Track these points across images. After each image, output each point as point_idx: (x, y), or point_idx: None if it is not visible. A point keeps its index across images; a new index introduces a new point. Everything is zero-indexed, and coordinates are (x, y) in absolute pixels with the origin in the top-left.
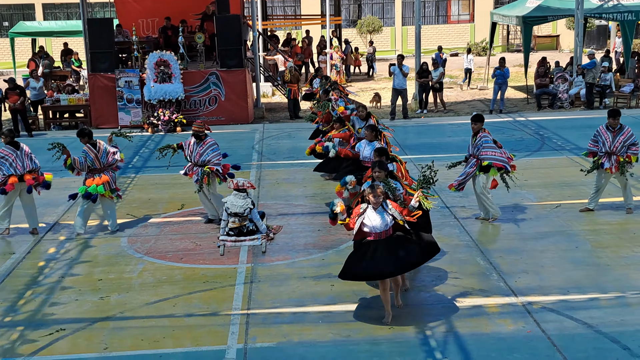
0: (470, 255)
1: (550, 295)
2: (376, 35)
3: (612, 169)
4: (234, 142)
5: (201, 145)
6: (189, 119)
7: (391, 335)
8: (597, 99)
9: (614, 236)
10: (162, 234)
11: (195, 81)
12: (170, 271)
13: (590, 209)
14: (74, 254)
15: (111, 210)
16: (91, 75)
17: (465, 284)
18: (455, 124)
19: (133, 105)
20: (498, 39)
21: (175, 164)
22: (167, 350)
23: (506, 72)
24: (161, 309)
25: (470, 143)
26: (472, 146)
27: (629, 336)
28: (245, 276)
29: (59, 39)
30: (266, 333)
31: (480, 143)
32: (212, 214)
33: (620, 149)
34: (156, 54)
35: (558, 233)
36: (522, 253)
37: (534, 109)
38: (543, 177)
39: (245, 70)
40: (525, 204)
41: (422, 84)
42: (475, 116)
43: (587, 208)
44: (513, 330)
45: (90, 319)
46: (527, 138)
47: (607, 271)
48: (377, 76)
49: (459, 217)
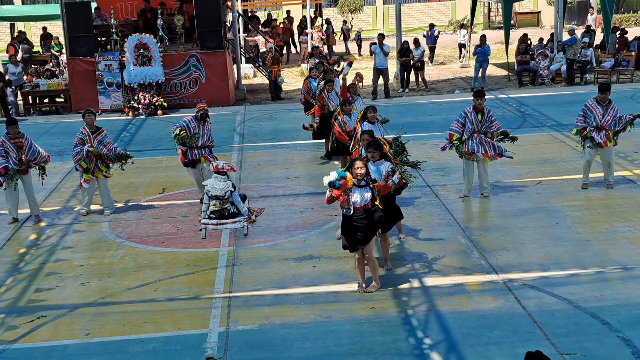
0: (451, 233)
1: (531, 272)
2: (357, 14)
3: (603, 143)
4: (215, 125)
5: (206, 126)
6: (169, 101)
7: (372, 315)
8: (578, 75)
9: (594, 212)
10: (143, 219)
11: (175, 64)
12: (151, 256)
13: (586, 186)
14: (55, 240)
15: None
16: (70, 59)
17: (446, 262)
18: (437, 102)
19: (113, 89)
20: (479, 16)
21: (157, 147)
22: (148, 335)
23: (487, 50)
24: (142, 294)
25: (472, 120)
26: (480, 122)
27: (608, 311)
28: (227, 259)
29: (38, 24)
30: (248, 315)
31: (490, 117)
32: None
33: (610, 123)
34: (135, 37)
35: (538, 210)
36: (503, 230)
37: (515, 86)
38: (524, 154)
39: (225, 52)
40: (505, 181)
41: (403, 62)
42: (479, 92)
43: (585, 184)
44: (494, 307)
45: (71, 305)
46: (508, 115)
47: (586, 247)
48: (358, 56)
49: (440, 196)
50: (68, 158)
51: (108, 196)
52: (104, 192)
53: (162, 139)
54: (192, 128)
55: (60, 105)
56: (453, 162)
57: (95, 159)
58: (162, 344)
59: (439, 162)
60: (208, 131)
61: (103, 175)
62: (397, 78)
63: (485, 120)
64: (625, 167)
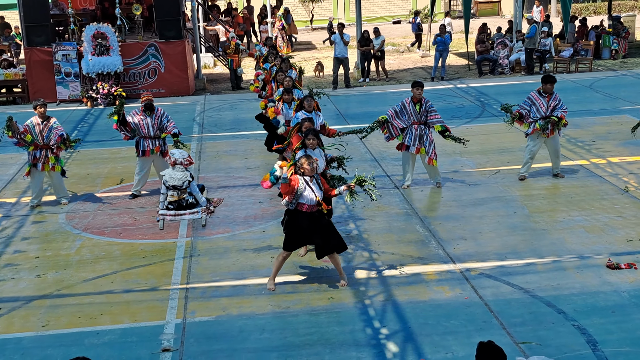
0: (410, 223)
1: (488, 262)
2: (318, 3)
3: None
4: (175, 115)
5: (155, 117)
6: (128, 91)
7: (329, 306)
8: (537, 64)
9: (551, 201)
10: (100, 210)
11: (134, 53)
12: (108, 247)
13: (524, 177)
14: (11, 231)
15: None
16: (27, 49)
17: (404, 252)
18: (397, 92)
19: (71, 79)
20: (440, 5)
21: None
22: (104, 327)
23: (447, 39)
24: (99, 286)
25: (410, 110)
26: (418, 113)
27: (563, 300)
28: (185, 250)
29: None
30: (205, 307)
31: (428, 107)
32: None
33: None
34: (93, 26)
35: (496, 199)
36: (461, 220)
37: (475, 75)
38: (482, 144)
39: (184, 41)
40: (464, 171)
41: (363, 52)
42: (418, 82)
43: (523, 176)
44: (451, 297)
45: (26, 297)
46: (467, 105)
47: (543, 236)
48: (319, 46)
49: (399, 186)
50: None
51: (61, 187)
52: (57, 183)
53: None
54: (139, 120)
55: (17, 95)
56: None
57: (43, 150)
58: (118, 336)
59: (398, 153)
60: (157, 121)
61: (50, 167)
62: (357, 67)
63: (423, 111)
64: (582, 156)
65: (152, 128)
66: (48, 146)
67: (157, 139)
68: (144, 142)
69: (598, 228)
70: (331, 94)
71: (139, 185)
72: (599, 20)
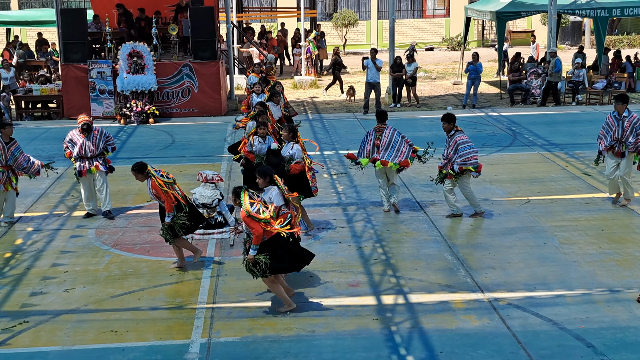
0: (438, 250)
1: (516, 292)
2: (352, 28)
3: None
4: (206, 134)
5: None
6: (161, 110)
7: (355, 331)
8: (570, 96)
9: (582, 233)
10: (129, 226)
11: (168, 73)
12: (137, 264)
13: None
14: (41, 245)
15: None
16: (64, 65)
17: (432, 279)
18: (428, 118)
19: (105, 96)
20: (473, 33)
21: (147, 155)
22: (129, 344)
23: (479, 67)
24: (126, 302)
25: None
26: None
27: (593, 334)
28: (212, 269)
29: (34, 29)
30: (230, 327)
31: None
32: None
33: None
34: (129, 45)
35: (526, 229)
36: (490, 249)
37: (507, 104)
38: (513, 173)
39: (218, 62)
40: (494, 199)
41: (395, 77)
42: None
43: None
44: (478, 326)
45: (54, 311)
46: (499, 133)
47: (573, 268)
48: (351, 70)
49: (428, 212)
50: (58, 164)
51: (13, 206)
52: (11, 202)
53: (153, 147)
54: (76, 141)
55: (52, 110)
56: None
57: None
58: (143, 354)
59: (428, 178)
60: (95, 141)
61: (12, 187)
62: (389, 93)
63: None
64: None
65: (88, 149)
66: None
67: (94, 159)
68: (81, 162)
69: (629, 262)
70: (362, 119)
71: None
72: (634, 52)
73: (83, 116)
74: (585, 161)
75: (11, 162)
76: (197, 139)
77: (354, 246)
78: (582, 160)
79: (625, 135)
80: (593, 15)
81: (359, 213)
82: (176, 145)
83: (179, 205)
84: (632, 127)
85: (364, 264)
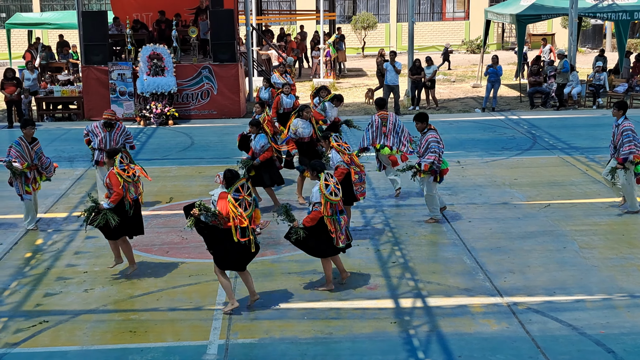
0: (457, 254)
1: (536, 296)
2: (371, 31)
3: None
4: (225, 136)
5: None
6: (181, 112)
7: (373, 334)
8: (591, 99)
9: (602, 237)
10: (148, 227)
11: (188, 75)
12: (155, 264)
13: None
14: (61, 245)
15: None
16: (84, 67)
17: (450, 282)
18: (447, 121)
19: (125, 97)
20: (493, 36)
21: (166, 157)
22: (148, 345)
23: (499, 70)
24: (144, 303)
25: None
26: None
27: (613, 339)
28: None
29: (55, 31)
30: (248, 329)
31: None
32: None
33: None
34: (149, 47)
35: (546, 233)
36: (509, 252)
37: (527, 107)
38: (533, 176)
39: (237, 64)
40: (514, 203)
41: (414, 80)
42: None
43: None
44: (497, 330)
45: (73, 311)
46: (518, 136)
47: (593, 272)
48: (369, 72)
49: (447, 215)
50: (78, 164)
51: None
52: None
53: (172, 148)
54: (97, 134)
55: (73, 112)
56: (461, 181)
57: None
58: (161, 354)
59: (447, 182)
60: (116, 137)
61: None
62: (407, 95)
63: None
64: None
65: (109, 143)
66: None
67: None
68: (98, 153)
69: None
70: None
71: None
72: None
73: (108, 112)
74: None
75: (36, 161)
76: (215, 141)
77: (372, 249)
78: (602, 164)
79: (618, 143)
80: (614, 19)
81: (377, 215)
82: (195, 147)
83: (121, 205)
84: (621, 135)
85: (382, 267)
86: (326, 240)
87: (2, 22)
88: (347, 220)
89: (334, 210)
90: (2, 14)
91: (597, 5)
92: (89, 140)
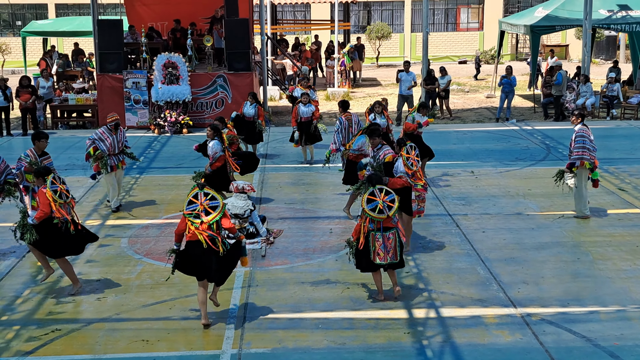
0: (471, 264)
1: (550, 307)
2: (385, 41)
3: None
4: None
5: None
6: (195, 120)
7: (386, 344)
8: (605, 110)
9: (616, 248)
10: (162, 236)
11: (202, 83)
12: (168, 273)
13: None
14: None
15: None
16: (99, 75)
17: (464, 293)
18: (461, 131)
19: (140, 106)
20: (507, 47)
21: (180, 165)
22: (161, 354)
23: (513, 81)
24: (157, 312)
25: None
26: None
27: (627, 351)
28: (244, 280)
29: (70, 39)
30: (261, 338)
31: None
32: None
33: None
34: (164, 55)
35: (559, 244)
36: (523, 263)
37: (541, 118)
38: (546, 187)
39: (252, 73)
40: (527, 214)
41: (428, 90)
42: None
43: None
44: (511, 341)
45: (86, 319)
46: (532, 147)
47: (607, 284)
48: (384, 82)
49: (461, 225)
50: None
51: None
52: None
53: (186, 157)
54: (105, 138)
55: (87, 120)
56: (475, 191)
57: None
58: None
59: (461, 191)
60: (121, 138)
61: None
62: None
63: None
64: None
65: (117, 145)
66: None
67: (120, 155)
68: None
69: None
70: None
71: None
72: None
73: (113, 114)
74: (620, 176)
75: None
76: None
77: None
78: (616, 176)
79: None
80: (628, 30)
81: None
82: None
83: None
84: (574, 141)
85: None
86: (366, 255)
87: (17, 29)
88: (396, 237)
89: (375, 226)
90: (18, 22)
91: (611, 17)
92: (96, 148)
